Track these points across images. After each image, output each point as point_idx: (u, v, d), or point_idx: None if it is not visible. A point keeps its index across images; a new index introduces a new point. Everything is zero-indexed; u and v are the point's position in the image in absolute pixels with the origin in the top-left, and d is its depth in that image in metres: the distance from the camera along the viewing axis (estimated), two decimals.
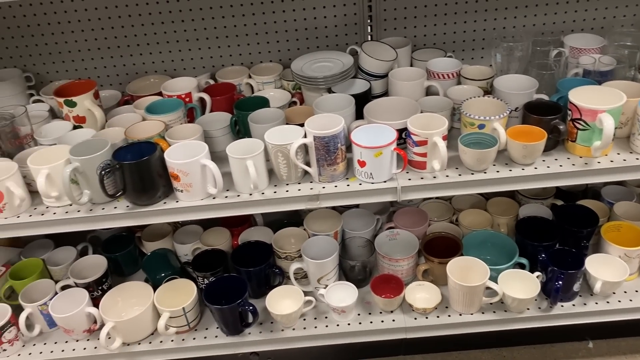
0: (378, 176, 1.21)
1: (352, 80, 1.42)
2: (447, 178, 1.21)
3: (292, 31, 1.57)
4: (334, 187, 1.23)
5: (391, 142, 1.17)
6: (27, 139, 1.37)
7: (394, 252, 1.46)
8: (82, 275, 1.45)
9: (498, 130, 1.21)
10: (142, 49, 1.60)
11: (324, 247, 1.41)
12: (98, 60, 1.61)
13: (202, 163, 1.18)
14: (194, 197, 1.22)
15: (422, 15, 1.55)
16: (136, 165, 1.17)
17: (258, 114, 1.33)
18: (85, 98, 1.37)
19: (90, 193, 1.22)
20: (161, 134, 1.28)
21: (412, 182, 1.22)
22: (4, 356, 1.39)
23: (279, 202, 1.22)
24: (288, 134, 1.24)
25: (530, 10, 1.53)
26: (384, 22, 1.55)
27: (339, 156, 1.21)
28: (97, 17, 1.54)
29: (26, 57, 1.61)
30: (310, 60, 1.46)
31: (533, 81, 1.31)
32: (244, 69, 1.59)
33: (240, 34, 1.58)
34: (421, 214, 1.55)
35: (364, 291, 1.43)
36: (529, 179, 1.20)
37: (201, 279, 1.42)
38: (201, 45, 1.59)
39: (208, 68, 1.63)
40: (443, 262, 1.37)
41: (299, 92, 1.51)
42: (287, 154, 1.20)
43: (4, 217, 1.23)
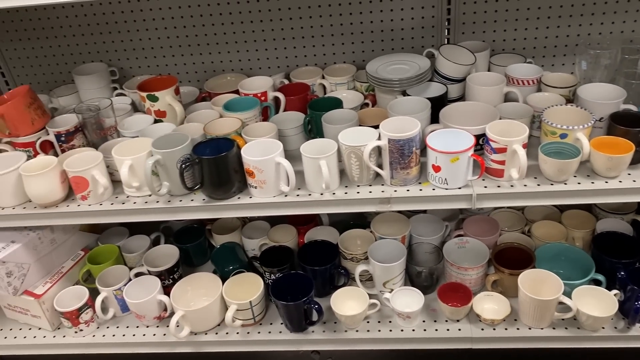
0: (453, 182, 1.19)
1: (428, 84, 1.41)
2: (525, 187, 1.18)
3: (367, 32, 1.57)
4: (406, 190, 1.22)
5: (469, 147, 1.15)
6: (111, 131, 1.43)
7: (462, 260, 1.43)
8: (154, 263, 1.51)
9: (581, 140, 1.16)
10: (220, 48, 1.64)
11: (391, 251, 1.40)
12: (178, 57, 1.67)
13: (276, 161, 1.20)
14: (267, 194, 1.24)
15: (502, 20, 1.51)
16: (214, 160, 1.20)
17: (331, 114, 1.34)
18: (167, 93, 1.42)
19: (169, 185, 1.27)
20: (238, 131, 1.31)
21: (488, 189, 1.19)
22: (79, 336, 1.46)
23: (350, 203, 1.23)
24: (361, 135, 1.24)
25: (619, 16, 1.47)
26: (462, 26, 1.53)
27: (413, 160, 1.20)
28: (180, 15, 1.59)
29: (111, 52, 1.68)
30: (385, 62, 1.46)
31: (620, 90, 1.25)
32: (317, 70, 1.60)
33: (315, 35, 1.59)
34: (492, 223, 1.51)
35: (429, 298, 1.41)
36: (613, 193, 1.15)
37: (268, 274, 1.45)
38: (277, 45, 1.62)
39: (283, 68, 1.66)
40: (514, 274, 1.33)
41: (372, 94, 1.51)
42: (360, 156, 1.20)
43: (87, 204, 1.30)
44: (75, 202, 1.31)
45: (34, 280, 1.45)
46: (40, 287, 1.45)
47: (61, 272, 1.50)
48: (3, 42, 1.69)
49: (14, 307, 1.50)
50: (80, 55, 1.69)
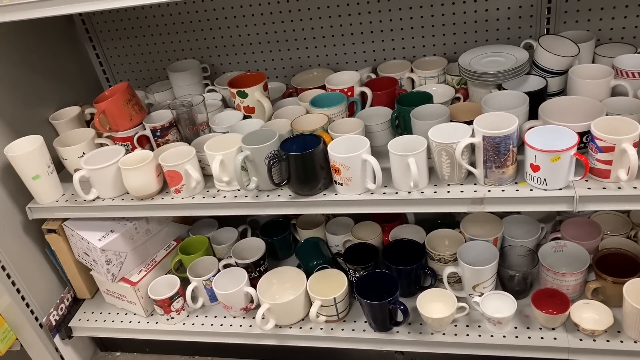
0: (553, 183, 1.12)
1: (526, 77, 1.32)
2: (634, 190, 1.08)
3: (459, 23, 1.51)
4: (501, 191, 1.16)
5: (572, 146, 1.07)
6: (203, 126, 1.47)
7: (559, 265, 1.34)
8: (242, 255, 1.54)
9: None
10: (307, 43, 1.64)
11: (482, 253, 1.34)
12: (266, 54, 1.69)
13: (363, 158, 1.18)
14: (353, 191, 1.22)
15: (609, 7, 1.39)
16: (301, 157, 1.20)
17: (421, 109, 1.30)
18: (256, 90, 1.44)
19: (257, 180, 1.28)
20: (324, 127, 1.30)
21: (591, 191, 1.10)
22: (171, 323, 1.52)
23: (439, 202, 1.18)
24: (453, 132, 1.19)
25: None
26: (564, 15, 1.42)
27: (509, 158, 1.13)
28: (269, 11, 1.61)
29: (203, 49, 1.73)
30: (479, 54, 1.39)
31: None
32: (405, 63, 1.56)
33: (404, 27, 1.55)
34: (593, 226, 1.41)
35: (522, 303, 1.34)
36: None
37: (352, 271, 1.43)
38: (364, 38, 1.59)
39: (370, 62, 1.63)
40: (618, 282, 1.23)
41: (464, 88, 1.45)
42: (452, 153, 1.15)
43: (180, 197, 1.34)
44: (169, 195, 1.36)
45: (130, 268, 1.53)
46: (136, 275, 1.53)
47: (155, 261, 1.57)
48: (105, 42, 1.78)
49: (112, 293, 1.59)
50: (174, 53, 1.76)
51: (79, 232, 1.46)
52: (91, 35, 1.77)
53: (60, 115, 1.60)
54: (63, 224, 1.51)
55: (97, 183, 1.38)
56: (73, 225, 1.49)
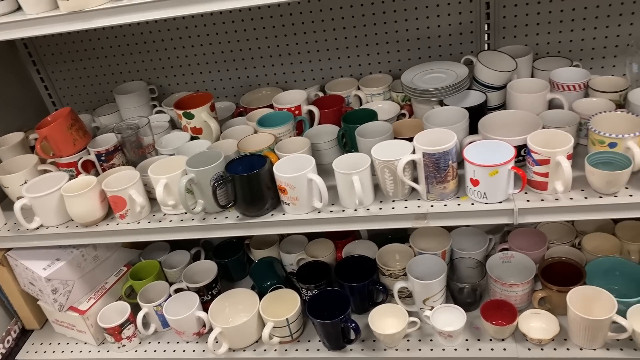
0: (492, 196, 1.14)
1: (467, 92, 1.35)
2: (571, 201, 1.11)
3: (403, 41, 1.53)
4: (444, 205, 1.17)
5: (509, 160, 1.09)
6: (149, 149, 1.45)
7: (507, 276, 1.37)
8: (194, 279, 1.52)
9: (632, 149, 1.08)
10: (255, 62, 1.64)
11: (431, 267, 1.35)
12: (215, 73, 1.68)
13: (308, 177, 1.18)
14: (300, 211, 1.22)
15: (545, 22, 1.43)
16: (247, 178, 1.20)
17: (365, 127, 1.31)
18: (202, 110, 1.43)
19: (203, 203, 1.27)
20: (271, 147, 1.30)
21: (530, 203, 1.13)
22: (122, 351, 1.48)
23: (384, 219, 1.19)
24: (396, 149, 1.20)
25: None
26: (502, 30, 1.46)
27: (449, 174, 1.15)
28: (215, 31, 1.61)
29: (150, 71, 1.72)
30: (421, 71, 1.41)
31: None
32: (353, 81, 1.57)
33: (350, 45, 1.57)
34: (539, 236, 1.44)
35: (472, 315, 1.36)
36: None
37: (305, 290, 1.43)
38: (312, 57, 1.60)
39: (318, 80, 1.64)
40: (563, 291, 1.25)
41: (409, 104, 1.47)
42: (394, 170, 1.16)
43: (126, 223, 1.32)
44: (114, 220, 1.34)
45: (79, 296, 1.49)
46: (85, 303, 1.49)
47: (105, 288, 1.53)
48: (49, 65, 1.75)
49: (61, 322, 1.55)
50: (121, 75, 1.74)
51: (22, 261, 1.42)
52: (35, 59, 1.74)
53: (3, 142, 1.56)
54: (6, 254, 1.46)
55: (40, 211, 1.34)
56: (17, 255, 1.44)
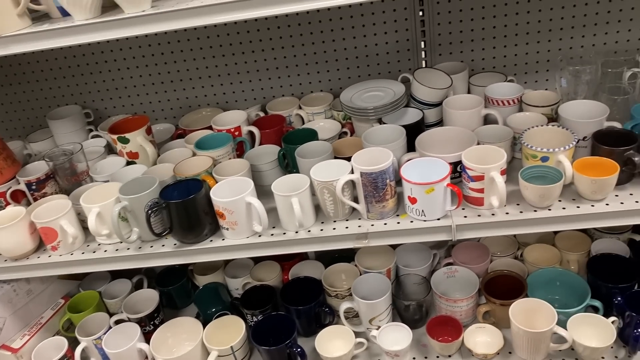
0: (431, 213, 1.14)
1: (405, 110, 1.36)
2: (506, 216, 1.12)
3: (342, 60, 1.53)
4: (384, 224, 1.16)
5: (444, 177, 1.10)
6: (84, 176, 1.40)
7: (452, 291, 1.37)
8: (135, 309, 1.46)
9: (563, 163, 1.10)
10: (194, 83, 1.61)
11: (376, 286, 1.35)
12: (153, 95, 1.64)
13: (247, 201, 1.15)
14: (240, 235, 1.19)
15: (479, 38, 1.46)
16: (182, 204, 1.16)
17: (306, 147, 1.30)
18: (138, 134, 1.39)
19: (139, 231, 1.23)
20: (209, 170, 1.27)
21: (468, 219, 1.13)
22: None
23: (326, 240, 1.18)
24: (335, 169, 1.19)
25: (600, 28, 1.41)
26: (438, 47, 1.48)
27: (387, 192, 1.15)
28: (151, 53, 1.57)
29: (85, 94, 1.66)
30: (360, 89, 1.41)
31: (603, 107, 1.19)
32: (294, 100, 1.56)
33: (290, 65, 1.56)
34: (482, 249, 1.45)
35: (420, 332, 1.35)
36: (600, 217, 1.09)
37: (250, 316, 1.39)
38: (252, 77, 1.59)
39: (259, 99, 1.62)
40: (505, 304, 1.26)
41: (350, 122, 1.47)
42: (333, 191, 1.15)
43: (58, 255, 1.26)
44: (46, 252, 1.27)
45: (11, 333, 1.41)
46: (18, 340, 1.41)
47: (40, 323, 1.45)
48: None
49: None
50: (54, 99, 1.67)
51: None
52: None
53: None
54: None
55: None
56: None
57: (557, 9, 1.40)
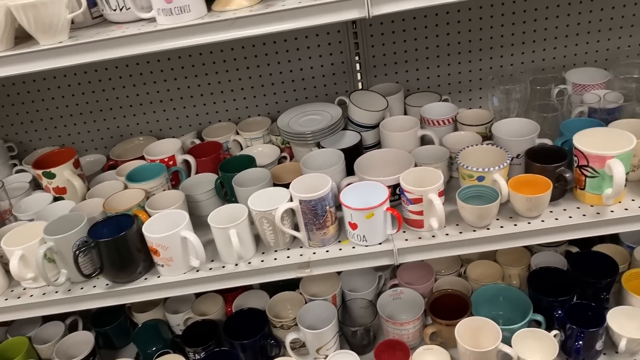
0: (372, 238, 1.12)
1: (343, 133, 1.35)
2: (446, 237, 1.12)
3: (278, 83, 1.51)
4: (326, 252, 1.14)
5: (382, 202, 1.09)
6: (6, 215, 1.31)
7: (399, 313, 1.36)
8: (68, 354, 1.37)
9: (499, 182, 1.12)
10: (125, 111, 1.55)
11: (322, 314, 1.32)
12: (81, 125, 1.56)
13: (182, 235, 1.10)
14: (176, 271, 1.14)
15: (413, 59, 1.48)
16: (112, 242, 1.10)
17: (243, 175, 1.26)
18: (64, 168, 1.31)
19: (67, 272, 1.15)
20: (141, 204, 1.21)
21: (409, 242, 1.12)
22: None
23: (267, 272, 1.14)
24: (274, 197, 1.16)
25: (528, 46, 1.46)
26: (373, 69, 1.49)
27: (328, 219, 1.13)
28: (77, 81, 1.50)
29: (7, 126, 1.57)
30: (297, 113, 1.39)
31: (534, 125, 1.22)
32: (231, 125, 1.53)
33: (225, 90, 1.52)
34: (426, 268, 1.45)
35: (368, 357, 1.33)
36: (536, 234, 1.10)
37: (192, 354, 1.33)
38: (186, 103, 1.54)
39: (195, 126, 1.57)
40: (451, 324, 1.26)
41: (289, 147, 1.44)
42: (273, 220, 1.12)
43: None
44: None
45: None
46: None
47: None
48: None
49: None
50: None
51: None
52: None
53: None
54: None
55: None
56: None
57: (486, 29, 1.43)
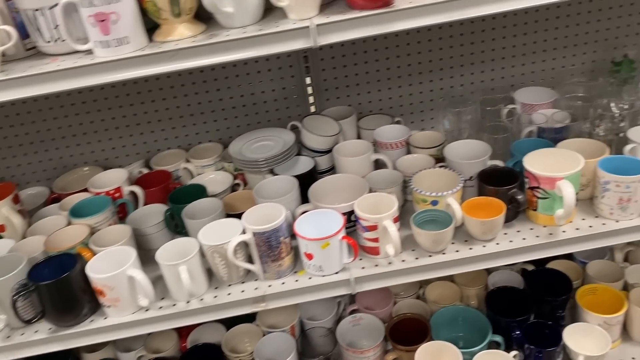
0: (328, 268, 1.10)
1: (296, 158, 1.32)
2: (403, 263, 1.11)
3: (229, 109, 1.48)
4: (282, 284, 1.11)
5: (337, 231, 1.06)
6: None
7: (359, 340, 1.34)
8: None
9: (452, 206, 1.11)
10: (68, 141, 1.48)
11: (280, 346, 1.28)
12: (21, 157, 1.48)
13: (128, 274, 1.05)
14: (124, 312, 1.09)
15: (364, 82, 1.47)
16: (54, 285, 1.03)
17: (193, 206, 1.22)
18: (2, 205, 1.24)
19: (6, 318, 1.08)
20: (85, 241, 1.15)
21: (366, 270, 1.11)
22: None
23: (221, 308, 1.10)
24: (226, 229, 1.12)
25: (477, 67, 1.47)
26: (325, 92, 1.47)
27: (283, 250, 1.09)
28: (15, 112, 1.42)
29: None
30: (250, 139, 1.36)
31: (486, 146, 1.23)
32: (181, 152, 1.48)
33: (174, 116, 1.47)
34: (385, 292, 1.43)
35: None
36: (492, 257, 1.10)
37: None
38: (132, 131, 1.48)
39: (143, 154, 1.51)
40: (411, 350, 1.24)
41: (242, 173, 1.41)
42: (225, 254, 1.08)
43: None
44: None
45: None
46: None
47: None
48: None
49: None
50: None
51: None
52: None
53: None
54: None
55: None
56: None
57: (435, 51, 1.44)
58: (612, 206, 1.11)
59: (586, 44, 1.46)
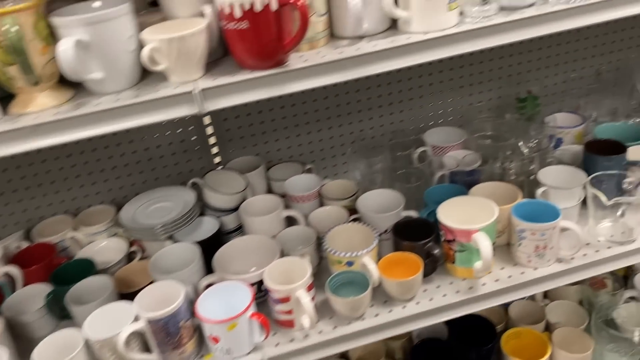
0: (238, 350, 0.99)
1: (199, 220, 1.19)
2: (320, 335, 1.01)
3: (121, 166, 1.32)
4: None
5: (245, 309, 0.95)
6: None
7: None
8: None
9: (368, 266, 1.04)
10: None
11: None
12: None
13: None
14: None
15: (270, 130, 1.37)
16: None
17: (79, 288, 1.07)
18: None
19: None
20: None
21: (280, 348, 1.00)
22: None
23: None
24: (117, 316, 0.98)
25: (386, 109, 1.42)
26: (229, 143, 1.36)
27: (184, 336, 0.97)
28: None
29: None
30: (144, 202, 1.22)
31: (399, 197, 1.17)
32: (67, 219, 1.31)
33: (57, 179, 1.30)
34: None
35: None
36: (412, 319, 1.04)
37: None
38: (8, 198, 1.29)
39: (22, 224, 1.32)
40: None
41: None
42: (115, 348, 0.93)
43: None
44: None
45: None
46: None
47: None
48: None
49: None
50: None
51: None
52: None
53: None
54: None
55: None
56: None
57: (341, 95, 1.37)
58: (529, 254, 1.08)
59: (490, 80, 1.46)
